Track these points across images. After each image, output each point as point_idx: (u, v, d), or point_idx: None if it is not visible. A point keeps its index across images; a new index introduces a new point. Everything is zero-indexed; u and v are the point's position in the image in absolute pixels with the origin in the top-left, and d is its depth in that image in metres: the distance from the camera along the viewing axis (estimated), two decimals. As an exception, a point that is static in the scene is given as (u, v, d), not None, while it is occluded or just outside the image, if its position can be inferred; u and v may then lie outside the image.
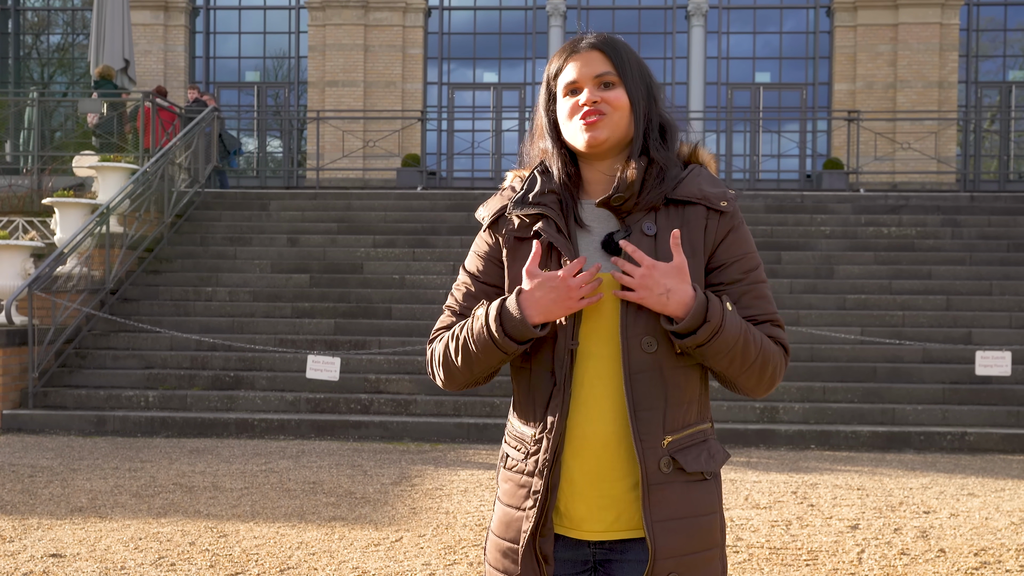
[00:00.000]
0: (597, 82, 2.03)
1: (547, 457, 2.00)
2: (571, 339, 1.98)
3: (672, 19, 23.48)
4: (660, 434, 1.98)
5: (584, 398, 2.00)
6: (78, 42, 24.73)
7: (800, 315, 11.95)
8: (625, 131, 2.05)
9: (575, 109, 2.04)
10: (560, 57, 2.09)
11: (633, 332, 1.97)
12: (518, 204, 2.08)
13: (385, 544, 5.84)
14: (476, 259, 2.14)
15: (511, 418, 2.13)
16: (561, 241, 2.01)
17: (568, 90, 2.06)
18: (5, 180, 15.43)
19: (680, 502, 1.99)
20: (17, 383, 10.67)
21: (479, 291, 2.11)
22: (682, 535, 1.98)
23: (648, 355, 1.98)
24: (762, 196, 15.97)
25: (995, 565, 5.52)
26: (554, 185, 2.08)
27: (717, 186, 2.07)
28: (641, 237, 2.01)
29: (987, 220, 14.53)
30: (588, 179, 2.10)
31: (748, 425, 10.10)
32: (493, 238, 2.12)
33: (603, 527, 2.02)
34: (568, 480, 2.01)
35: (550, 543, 2.02)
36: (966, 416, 10.25)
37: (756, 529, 6.27)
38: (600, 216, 2.07)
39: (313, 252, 13.76)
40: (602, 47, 2.05)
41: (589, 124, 2.02)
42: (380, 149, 21.11)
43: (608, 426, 1.99)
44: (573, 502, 2.02)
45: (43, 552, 5.59)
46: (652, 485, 1.97)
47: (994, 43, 23.56)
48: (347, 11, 22.83)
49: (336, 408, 10.59)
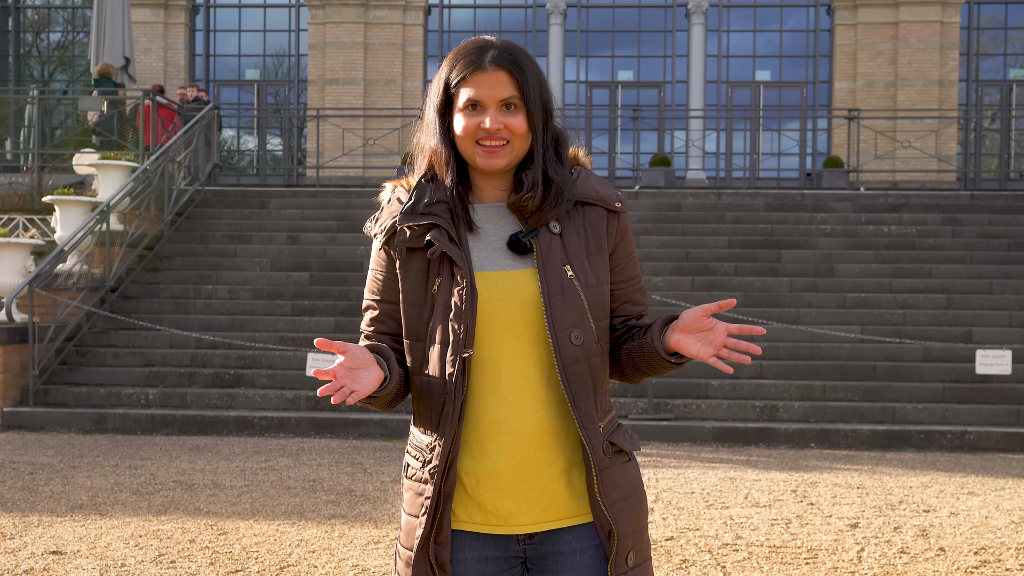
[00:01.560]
0: (500, 105, 2.02)
1: (440, 464, 2.01)
2: (463, 347, 1.99)
3: (672, 17, 23.47)
4: (596, 420, 2.05)
5: (503, 394, 2.02)
6: (78, 40, 24.72)
7: (800, 314, 11.96)
8: (523, 152, 2.07)
9: (475, 130, 2.03)
10: (463, 68, 2.04)
11: (561, 326, 2.01)
12: (408, 215, 2.06)
13: (385, 542, 5.84)
14: (375, 279, 2.14)
15: (412, 428, 2.14)
16: (454, 250, 2.01)
17: (468, 105, 2.03)
18: (5, 178, 15.43)
19: (623, 482, 2.07)
20: (18, 380, 10.68)
21: (382, 313, 2.13)
22: (632, 513, 2.07)
23: (577, 347, 2.02)
24: (762, 194, 15.97)
25: (995, 564, 5.52)
26: (443, 195, 2.07)
27: (608, 188, 2.14)
28: (550, 237, 2.04)
29: (987, 219, 14.53)
30: (479, 184, 2.11)
31: (748, 423, 10.10)
32: (387, 253, 2.11)
33: (532, 519, 2.04)
34: (494, 475, 2.02)
35: (446, 550, 2.02)
36: (966, 415, 10.25)
37: (756, 527, 6.27)
38: (494, 216, 2.09)
39: (313, 250, 13.76)
40: (508, 67, 2.02)
41: (489, 152, 2.03)
42: (380, 147, 21.10)
43: (532, 418, 2.02)
44: (500, 497, 2.03)
45: (43, 549, 5.59)
46: (602, 469, 2.03)
47: (995, 41, 23.55)
48: (347, 9, 22.82)
49: (336, 406, 10.57)
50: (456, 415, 2.00)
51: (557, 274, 2.02)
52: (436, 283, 2.03)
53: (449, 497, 2.02)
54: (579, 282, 2.03)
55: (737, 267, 13.13)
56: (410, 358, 2.09)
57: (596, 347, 2.06)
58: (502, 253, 2.06)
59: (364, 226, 2.19)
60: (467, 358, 2.00)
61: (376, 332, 2.14)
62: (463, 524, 2.05)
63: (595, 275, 2.07)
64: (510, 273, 2.03)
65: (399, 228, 2.07)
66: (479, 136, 2.03)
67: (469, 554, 2.05)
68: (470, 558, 2.05)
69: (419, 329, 2.06)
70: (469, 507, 2.05)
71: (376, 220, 2.14)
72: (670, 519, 6.42)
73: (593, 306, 2.05)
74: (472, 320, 1.99)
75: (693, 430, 9.93)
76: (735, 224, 14.46)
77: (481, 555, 2.06)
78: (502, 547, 2.06)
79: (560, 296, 2.01)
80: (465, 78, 2.04)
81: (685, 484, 7.67)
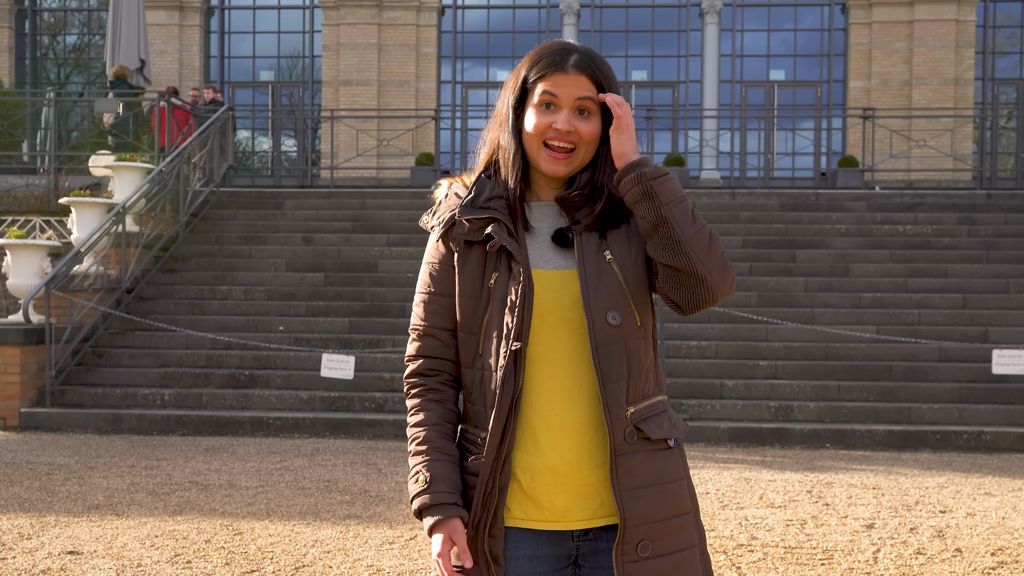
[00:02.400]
0: (576, 106, 2.04)
1: (490, 456, 2.02)
2: (515, 339, 2.00)
3: (686, 17, 23.43)
4: (624, 405, 2.02)
5: (556, 390, 2.03)
6: (94, 42, 24.84)
7: (815, 314, 11.92)
8: (587, 161, 2.08)
9: (545, 128, 2.04)
10: (544, 66, 2.06)
11: (597, 307, 2.01)
12: (467, 208, 2.09)
13: (400, 542, 5.85)
14: (430, 272, 2.15)
15: (463, 422, 2.15)
16: (513, 244, 2.03)
17: (543, 102, 2.05)
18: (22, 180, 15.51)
19: (645, 470, 2.03)
20: (35, 381, 10.73)
21: (437, 305, 2.13)
22: (648, 503, 2.02)
23: (613, 328, 2.01)
24: (776, 194, 15.93)
25: (1012, 565, 5.49)
26: (501, 190, 2.10)
27: None
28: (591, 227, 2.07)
29: (1004, 218, 14.46)
30: (537, 182, 2.13)
31: (763, 424, 10.08)
32: (445, 246, 2.13)
33: (587, 515, 2.04)
34: (550, 471, 2.03)
35: (500, 543, 2.03)
36: (983, 415, 10.20)
37: (771, 528, 6.26)
38: (547, 215, 2.11)
39: (327, 251, 13.79)
40: (589, 71, 2.05)
41: (555, 159, 2.05)
42: (394, 148, 21.14)
43: (586, 413, 2.03)
44: (555, 493, 2.03)
45: (60, 549, 5.62)
46: (619, 456, 2.01)
47: (1011, 39, 23.42)
48: (361, 10, 22.86)
49: (351, 406, 10.61)
50: (507, 408, 2.01)
51: (594, 258, 2.04)
52: (493, 277, 2.05)
53: (504, 490, 2.02)
54: (617, 264, 2.04)
55: (752, 267, 13.10)
56: (463, 351, 2.10)
57: (637, 329, 2.04)
58: (554, 252, 2.08)
59: (420, 220, 2.20)
60: (518, 351, 2.00)
61: (432, 327, 2.13)
62: (518, 521, 2.05)
63: (633, 255, 2.06)
64: (561, 272, 2.05)
65: (458, 221, 2.09)
66: (548, 136, 2.04)
67: (522, 552, 2.05)
68: (523, 556, 2.05)
69: (474, 323, 2.07)
70: (524, 504, 2.05)
71: (433, 213, 2.16)
72: (685, 520, 6.41)
73: (634, 287, 2.04)
74: (527, 315, 2.01)
75: (708, 430, 9.91)
76: (749, 224, 14.42)
77: (534, 553, 2.06)
78: (556, 544, 2.06)
79: (596, 278, 2.02)
80: (544, 76, 2.06)
81: (700, 485, 7.65)
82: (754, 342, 11.48)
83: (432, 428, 2.11)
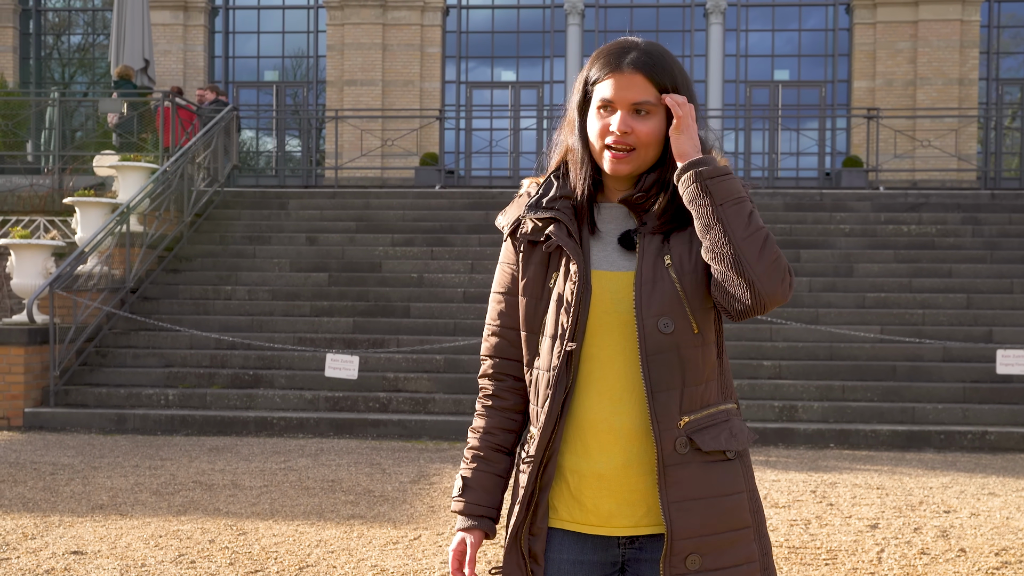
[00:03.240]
0: (632, 109, 2.01)
1: (538, 455, 2.03)
2: (569, 340, 2.00)
3: (691, 17, 23.41)
4: (676, 415, 1.98)
5: (607, 392, 2.01)
6: (98, 42, 24.87)
7: (819, 313, 11.91)
8: (653, 160, 2.06)
9: (605, 131, 2.03)
10: (601, 67, 2.04)
11: (648, 313, 1.98)
12: (532, 208, 2.10)
13: (404, 542, 5.85)
14: (502, 272, 2.17)
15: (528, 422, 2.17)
16: (570, 244, 2.02)
17: (602, 105, 2.04)
18: (27, 180, 15.53)
19: (698, 482, 1.98)
20: (39, 381, 10.75)
21: (508, 306, 2.14)
22: (700, 515, 1.97)
23: (665, 336, 1.98)
24: (781, 194, 15.91)
25: (1016, 565, 5.48)
26: (568, 191, 2.09)
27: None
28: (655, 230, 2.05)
29: (1008, 218, 14.44)
30: (607, 184, 2.12)
31: (767, 424, 10.07)
32: (513, 243, 2.15)
33: (633, 522, 2.02)
34: (597, 476, 2.01)
35: (541, 542, 2.03)
36: (987, 415, 10.18)
37: (775, 528, 6.25)
38: (616, 216, 2.09)
39: (332, 251, 13.80)
40: (646, 70, 2.01)
41: (616, 159, 2.03)
42: (398, 148, 21.14)
43: (636, 419, 2.00)
44: (601, 497, 2.02)
45: (64, 549, 5.63)
46: (668, 466, 1.97)
47: (1015, 39, 23.39)
48: (365, 10, 22.87)
49: (355, 406, 10.62)
50: (557, 408, 2.01)
51: (652, 262, 2.01)
52: (553, 277, 2.06)
53: (545, 489, 2.03)
54: (675, 270, 2.00)
55: (756, 267, 13.07)
56: (526, 350, 2.11)
57: (694, 337, 1.99)
58: (619, 254, 2.06)
59: (496, 220, 2.22)
60: (571, 352, 2.00)
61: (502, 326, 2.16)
62: (564, 522, 2.05)
63: (692, 260, 2.01)
64: (624, 274, 2.04)
65: (522, 220, 2.11)
66: (608, 140, 2.03)
67: (566, 556, 2.05)
68: (566, 560, 2.05)
69: (535, 322, 2.08)
70: (571, 505, 2.04)
71: (505, 213, 2.18)
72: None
73: (692, 293, 1.99)
74: (582, 315, 2.00)
75: (712, 431, 9.88)
76: (754, 224, 14.39)
77: (578, 559, 2.04)
78: (601, 550, 2.05)
79: (651, 284, 1.99)
80: (602, 78, 2.04)
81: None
82: (758, 342, 11.47)
83: (484, 436, 2.15)
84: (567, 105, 2.15)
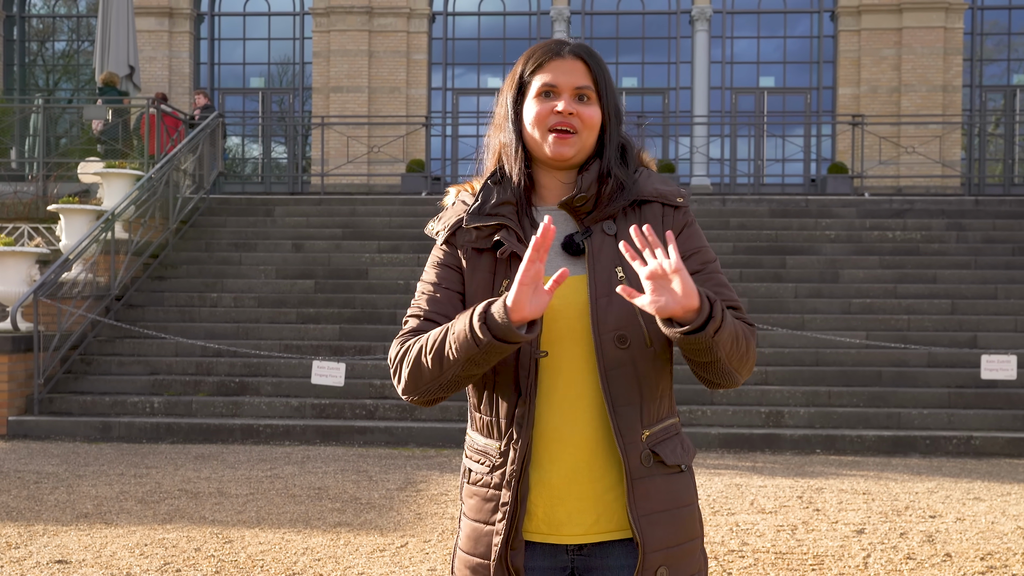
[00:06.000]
0: (575, 93, 2.03)
1: (515, 468, 1.99)
2: (536, 349, 1.97)
3: (676, 24, 23.49)
4: (639, 429, 1.99)
5: (558, 401, 1.99)
6: (83, 49, 24.80)
7: (805, 319, 11.94)
8: (591, 149, 2.07)
9: (547, 114, 2.03)
10: (539, 57, 2.06)
11: (605, 328, 1.97)
12: (475, 215, 2.06)
13: (391, 550, 5.84)
14: (435, 269, 2.10)
15: (470, 432, 2.11)
16: (522, 249, 2.00)
17: (543, 91, 2.04)
18: (10, 187, 15.46)
19: (662, 495, 2.00)
20: (23, 389, 10.69)
21: (444, 296, 2.07)
22: (667, 527, 1.99)
23: (622, 351, 1.98)
24: (766, 200, 15.96)
25: (1001, 569, 5.50)
26: (509, 196, 2.07)
27: (669, 185, 2.12)
28: (603, 237, 2.03)
29: (992, 224, 14.52)
30: (542, 183, 2.10)
31: (753, 430, 10.09)
32: (452, 249, 2.10)
33: (583, 529, 2.01)
34: (546, 484, 2.00)
35: (520, 555, 2.00)
36: (972, 420, 10.22)
37: (762, 534, 6.26)
38: (555, 219, 2.07)
39: (318, 258, 13.77)
40: (585, 58, 2.06)
41: (559, 140, 2.02)
42: (385, 154, 21.13)
43: (586, 427, 1.99)
44: (552, 506, 2.01)
45: (49, 558, 5.60)
46: (635, 480, 1.97)
47: (998, 47, 23.54)
48: (351, 17, 22.87)
49: (341, 414, 10.59)
50: (530, 418, 1.98)
51: (606, 275, 2.00)
52: (504, 284, 2.02)
53: (524, 501, 1.99)
54: (630, 283, 1.99)
55: (742, 273, 13.12)
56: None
57: (648, 351, 1.99)
58: (561, 257, 2.04)
59: (426, 227, 2.17)
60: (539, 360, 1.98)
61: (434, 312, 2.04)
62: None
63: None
64: (569, 278, 2.01)
65: (466, 228, 2.07)
66: (551, 122, 2.03)
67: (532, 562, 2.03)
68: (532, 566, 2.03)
69: None
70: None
71: (439, 219, 2.14)
72: (676, 526, 6.40)
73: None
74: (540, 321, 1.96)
75: (698, 436, 9.91)
76: (739, 230, 14.45)
77: (530, 564, 2.03)
78: (550, 557, 2.03)
79: (607, 298, 1.98)
80: (542, 65, 2.05)
81: (690, 491, 7.65)
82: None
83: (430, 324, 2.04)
84: (495, 109, 2.14)
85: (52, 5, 24.92)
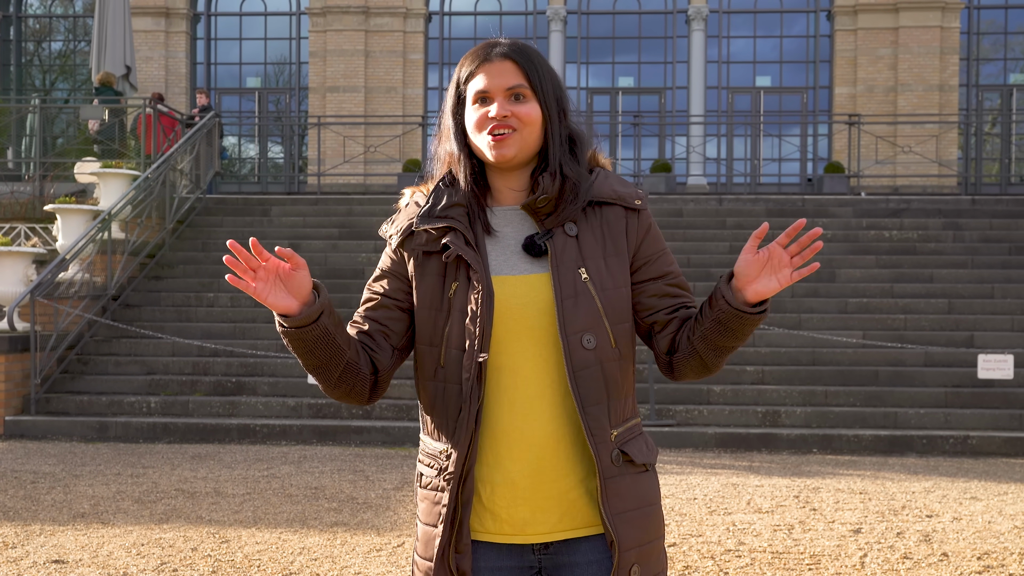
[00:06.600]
0: (508, 94, 2.02)
1: (456, 471, 1.98)
2: (479, 351, 1.96)
3: (673, 23, 23.49)
4: (608, 428, 1.99)
5: (517, 400, 1.99)
6: (79, 49, 24.77)
7: (801, 319, 11.95)
8: (535, 145, 2.05)
9: (484, 121, 2.02)
10: (471, 62, 2.06)
11: (572, 329, 1.97)
12: (424, 218, 2.05)
13: (387, 549, 5.84)
14: (382, 276, 2.11)
15: (422, 436, 2.11)
16: (470, 254, 1.99)
17: (477, 98, 2.04)
18: (7, 187, 15.45)
19: (632, 494, 2.01)
20: (19, 389, 10.68)
21: (383, 304, 2.08)
22: (638, 525, 2.01)
23: (589, 352, 1.98)
24: (763, 200, 15.98)
25: (998, 569, 5.51)
26: (460, 198, 2.06)
27: (627, 186, 2.10)
28: (565, 239, 2.02)
29: (988, 223, 14.53)
30: (497, 186, 2.10)
31: (750, 429, 10.09)
32: (399, 255, 2.09)
33: (547, 528, 2.01)
34: (509, 484, 1.99)
35: (467, 558, 1.99)
36: (968, 420, 10.23)
37: (758, 533, 6.26)
38: (512, 219, 2.07)
39: (315, 258, 13.77)
40: (515, 57, 2.04)
41: (497, 141, 2.01)
42: (381, 154, 21.12)
43: (547, 425, 1.99)
44: (515, 506, 2.00)
45: (46, 558, 5.59)
46: (607, 479, 1.98)
47: (995, 46, 23.57)
48: (348, 17, 22.86)
49: (338, 413, 10.59)
50: (472, 421, 1.97)
51: (571, 277, 1.99)
52: (453, 287, 2.01)
53: (467, 505, 1.98)
54: (593, 285, 1.99)
55: (738, 273, 13.10)
56: (424, 364, 2.06)
57: (613, 352, 2.01)
58: (519, 257, 2.03)
59: (380, 229, 2.17)
60: (483, 362, 1.96)
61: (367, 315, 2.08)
62: (477, 534, 2.02)
63: (612, 277, 2.02)
64: (527, 277, 2.01)
65: (416, 231, 2.06)
66: (488, 127, 2.02)
67: (483, 564, 2.03)
68: (483, 568, 2.03)
69: (434, 334, 2.03)
70: (483, 517, 2.02)
71: (392, 222, 2.13)
72: (672, 525, 6.42)
73: (609, 310, 2.00)
74: (489, 324, 1.96)
75: (695, 436, 9.92)
76: (736, 230, 14.46)
77: (496, 565, 2.03)
78: (517, 557, 2.03)
79: (573, 299, 1.98)
80: (473, 72, 2.05)
81: (687, 490, 7.66)
82: (741, 348, 11.49)
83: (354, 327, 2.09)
84: (441, 116, 2.14)
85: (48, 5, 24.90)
